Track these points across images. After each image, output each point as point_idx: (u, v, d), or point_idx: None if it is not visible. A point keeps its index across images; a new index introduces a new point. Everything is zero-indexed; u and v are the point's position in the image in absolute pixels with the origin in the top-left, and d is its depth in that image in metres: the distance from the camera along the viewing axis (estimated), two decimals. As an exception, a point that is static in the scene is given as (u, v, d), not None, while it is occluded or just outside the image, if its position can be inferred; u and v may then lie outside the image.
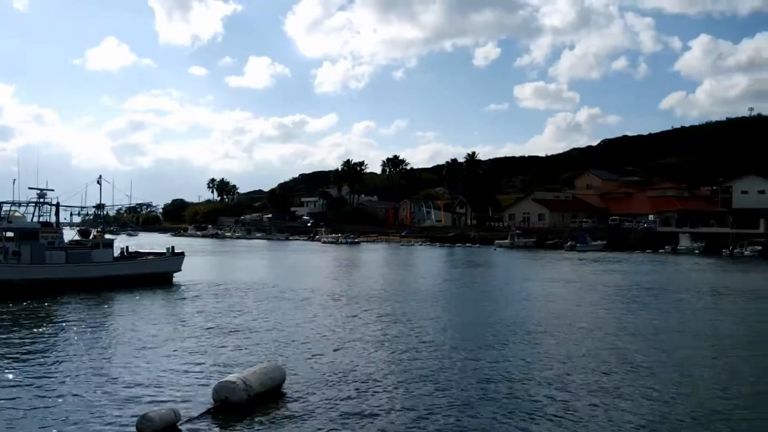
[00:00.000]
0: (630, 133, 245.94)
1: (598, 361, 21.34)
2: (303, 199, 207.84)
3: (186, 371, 19.63)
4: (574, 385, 18.46)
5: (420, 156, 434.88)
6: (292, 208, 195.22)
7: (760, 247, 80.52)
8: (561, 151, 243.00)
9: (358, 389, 17.86)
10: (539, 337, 25.83)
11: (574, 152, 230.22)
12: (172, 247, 49.76)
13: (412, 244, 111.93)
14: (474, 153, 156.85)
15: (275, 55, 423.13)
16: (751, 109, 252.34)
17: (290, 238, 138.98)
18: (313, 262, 73.14)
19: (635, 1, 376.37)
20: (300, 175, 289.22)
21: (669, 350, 23.30)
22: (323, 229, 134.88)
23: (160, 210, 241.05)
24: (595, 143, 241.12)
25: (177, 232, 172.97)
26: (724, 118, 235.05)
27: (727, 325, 29.25)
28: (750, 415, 15.97)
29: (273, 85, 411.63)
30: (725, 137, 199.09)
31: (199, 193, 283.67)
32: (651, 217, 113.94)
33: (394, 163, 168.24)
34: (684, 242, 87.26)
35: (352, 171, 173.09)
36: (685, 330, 27.79)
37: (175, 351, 22.61)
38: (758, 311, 34.19)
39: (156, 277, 44.68)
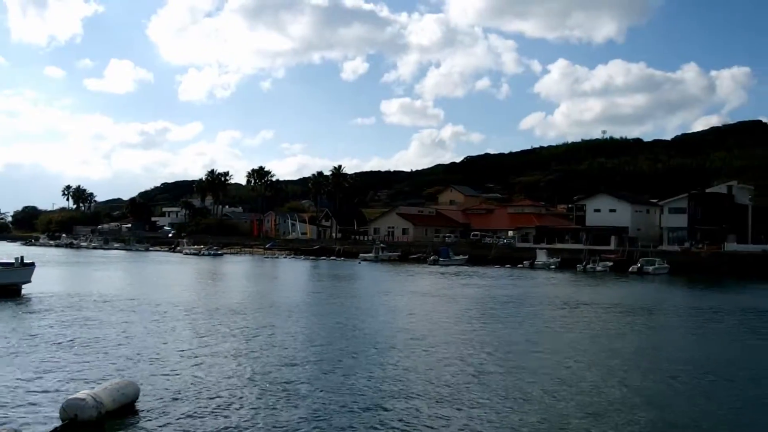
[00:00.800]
0: (492, 151, 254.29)
1: (448, 372, 21.58)
2: (165, 210, 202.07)
3: (32, 388, 18.46)
4: (421, 396, 18.58)
5: (286, 168, 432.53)
6: (153, 219, 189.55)
7: (611, 263, 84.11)
8: (426, 167, 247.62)
9: (215, 405, 17.32)
10: (395, 349, 25.90)
11: (439, 168, 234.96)
12: (22, 257, 46.35)
13: (277, 257, 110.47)
14: (340, 166, 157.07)
15: (138, 59, 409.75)
16: (604, 131, 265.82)
17: (150, 249, 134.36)
18: (173, 274, 70.76)
19: (499, 23, 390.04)
20: (162, 184, 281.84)
21: (516, 360, 23.80)
22: (185, 240, 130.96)
23: (10, 218, 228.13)
24: (458, 160, 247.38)
25: (28, 242, 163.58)
26: (579, 140, 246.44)
27: (575, 336, 30.26)
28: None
29: (135, 90, 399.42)
30: (580, 158, 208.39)
31: (53, 201, 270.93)
32: (510, 233, 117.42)
33: (259, 174, 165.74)
34: (541, 258, 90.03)
35: (216, 181, 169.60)
36: (535, 341, 28.44)
37: (21, 366, 21.21)
38: (604, 321, 35.56)
39: (2, 288, 41.44)
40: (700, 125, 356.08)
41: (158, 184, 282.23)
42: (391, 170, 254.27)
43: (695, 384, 21.03)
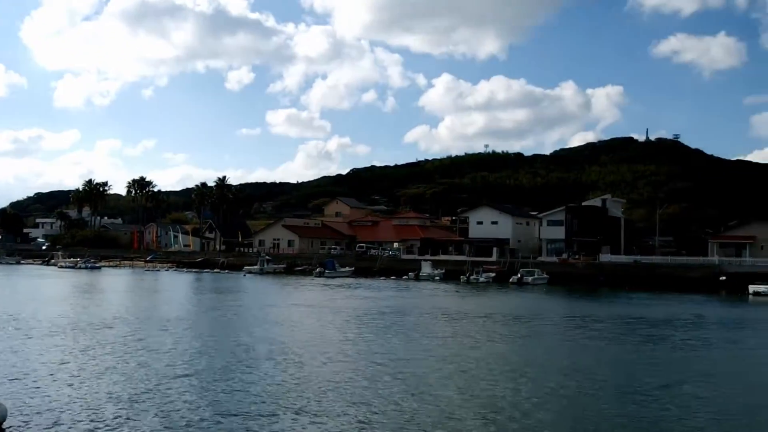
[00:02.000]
0: (378, 163, 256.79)
1: (316, 384, 21.60)
2: (38, 221, 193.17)
3: None
4: (287, 408, 18.61)
5: (169, 178, 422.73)
6: (26, 230, 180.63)
7: (493, 274, 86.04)
8: (312, 179, 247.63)
9: (87, 424, 16.65)
10: (271, 362, 25.70)
11: (325, 180, 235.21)
12: None
13: (158, 270, 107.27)
14: (225, 177, 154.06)
15: (9, 62, 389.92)
16: (486, 145, 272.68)
17: (22, 262, 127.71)
18: (46, 288, 67.56)
19: (385, 37, 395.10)
20: (36, 194, 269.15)
21: (390, 369, 23.94)
22: (60, 252, 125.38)
23: None
24: (344, 172, 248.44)
25: None
26: (463, 153, 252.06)
27: (447, 344, 30.79)
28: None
29: (6, 95, 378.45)
30: (464, 171, 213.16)
31: None
32: (396, 244, 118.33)
33: (140, 184, 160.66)
34: (426, 269, 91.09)
35: (94, 191, 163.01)
36: (411, 350, 28.65)
37: None
38: (481, 330, 36.21)
39: None
40: (577, 141, 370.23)
41: (31, 195, 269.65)
42: (277, 182, 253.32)
43: (565, 388, 21.64)
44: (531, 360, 27.56)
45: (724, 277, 77.53)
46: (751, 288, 68.41)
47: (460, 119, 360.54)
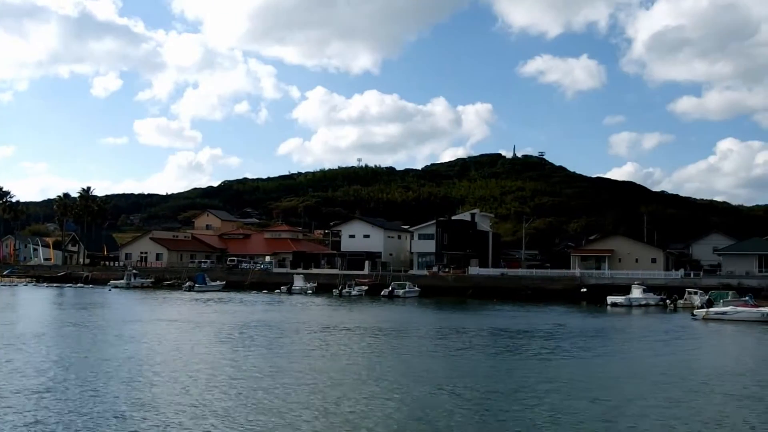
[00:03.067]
0: (250, 176, 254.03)
1: (168, 398, 21.25)
2: None
3: None
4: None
5: (28, 188, 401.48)
6: None
7: (366, 287, 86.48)
8: (182, 190, 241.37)
9: None
10: (128, 378, 24.95)
11: (195, 192, 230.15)
12: None
13: (16, 285, 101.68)
14: (89, 188, 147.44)
15: None
16: (359, 159, 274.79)
17: None
18: None
19: (258, 48, 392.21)
20: None
21: (254, 384, 23.68)
22: None
23: None
24: (216, 184, 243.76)
25: None
26: (336, 167, 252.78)
27: (313, 359, 30.64)
28: None
29: None
30: (337, 184, 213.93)
31: None
32: (268, 258, 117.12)
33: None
34: (298, 283, 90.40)
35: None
36: (277, 364, 28.32)
37: None
38: (349, 342, 36.25)
39: None
40: (447, 156, 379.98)
41: None
42: (145, 193, 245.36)
43: (410, 395, 21.97)
44: (389, 370, 27.87)
45: (585, 289, 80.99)
46: (609, 299, 71.61)
47: (333, 132, 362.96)
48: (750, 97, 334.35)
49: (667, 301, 70.64)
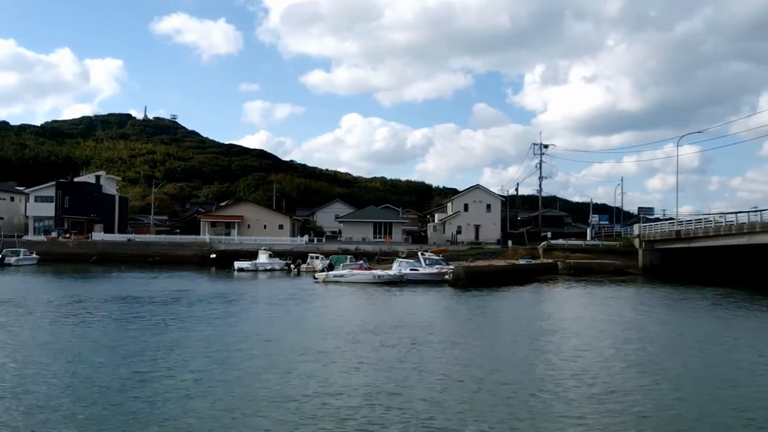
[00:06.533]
0: None
1: None
2: None
3: None
4: None
5: None
6: None
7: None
8: None
9: None
10: None
11: None
12: None
13: None
14: None
15: None
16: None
17: None
18: None
19: None
20: None
21: None
22: None
23: None
24: None
25: None
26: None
27: None
28: None
29: None
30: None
31: None
32: None
33: None
34: None
35: None
36: None
37: None
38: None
39: None
40: (72, 113, 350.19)
41: None
42: None
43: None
44: None
45: (214, 255, 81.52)
46: (236, 264, 72.96)
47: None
48: (374, 76, 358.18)
49: (291, 265, 73.79)
